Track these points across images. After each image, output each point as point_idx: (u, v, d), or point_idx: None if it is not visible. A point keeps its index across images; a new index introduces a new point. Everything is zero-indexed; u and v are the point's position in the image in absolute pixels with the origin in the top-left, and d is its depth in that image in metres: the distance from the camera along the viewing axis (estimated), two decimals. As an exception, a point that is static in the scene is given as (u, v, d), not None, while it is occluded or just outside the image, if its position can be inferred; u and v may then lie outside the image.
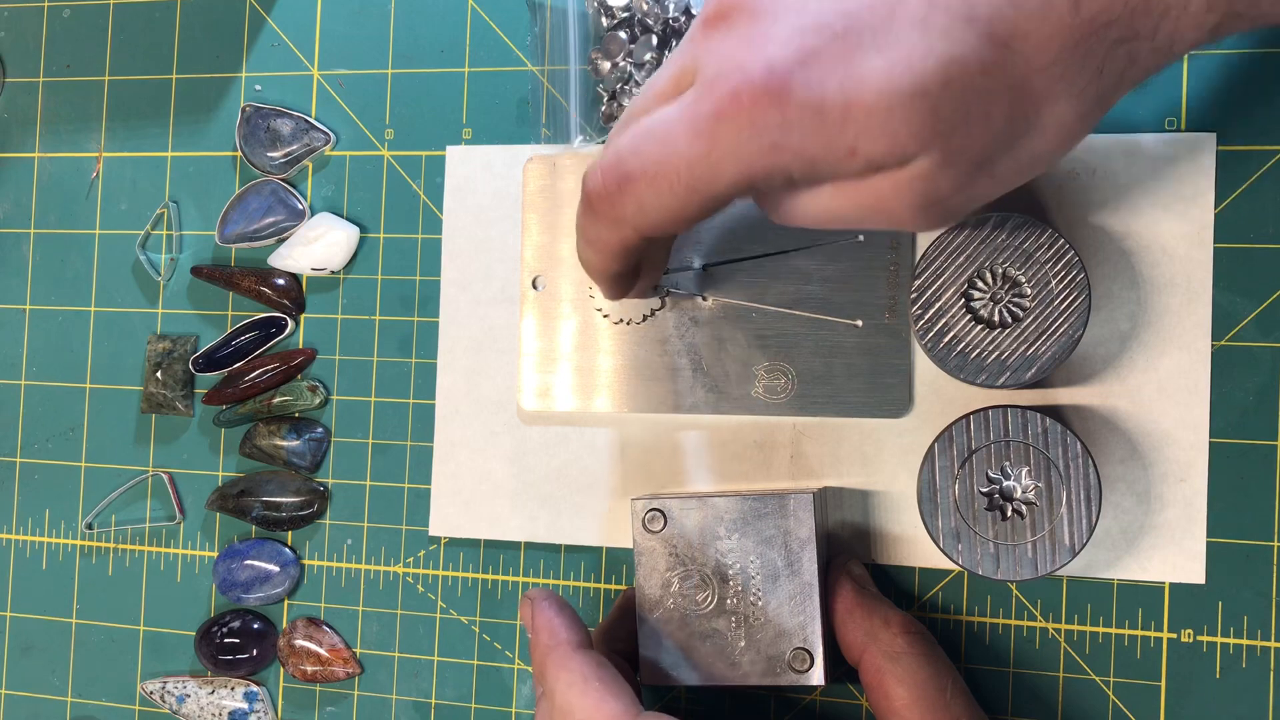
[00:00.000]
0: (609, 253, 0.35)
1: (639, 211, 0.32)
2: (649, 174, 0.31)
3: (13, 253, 0.51)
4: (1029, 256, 0.34)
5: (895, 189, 0.29)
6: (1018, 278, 0.35)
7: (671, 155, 0.30)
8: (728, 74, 0.29)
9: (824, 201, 0.31)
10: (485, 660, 0.45)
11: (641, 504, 0.39)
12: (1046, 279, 0.34)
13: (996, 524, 0.37)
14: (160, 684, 0.48)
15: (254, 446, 0.47)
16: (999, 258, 0.35)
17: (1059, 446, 0.36)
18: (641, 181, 0.31)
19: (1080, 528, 0.36)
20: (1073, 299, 0.34)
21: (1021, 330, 0.35)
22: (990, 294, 0.35)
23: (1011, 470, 0.37)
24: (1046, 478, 0.36)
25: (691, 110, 0.30)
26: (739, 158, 0.29)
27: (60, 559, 0.50)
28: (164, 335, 0.49)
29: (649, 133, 0.31)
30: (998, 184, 0.30)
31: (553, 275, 0.44)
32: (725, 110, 0.29)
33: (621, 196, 0.32)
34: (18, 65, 0.51)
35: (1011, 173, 0.30)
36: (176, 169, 0.49)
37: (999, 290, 0.35)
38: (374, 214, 0.47)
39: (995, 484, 0.37)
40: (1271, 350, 0.39)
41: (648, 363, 0.43)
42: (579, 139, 0.45)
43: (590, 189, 0.33)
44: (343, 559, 0.47)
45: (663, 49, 0.43)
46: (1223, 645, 0.39)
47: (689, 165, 0.30)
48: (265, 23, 0.49)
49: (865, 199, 0.30)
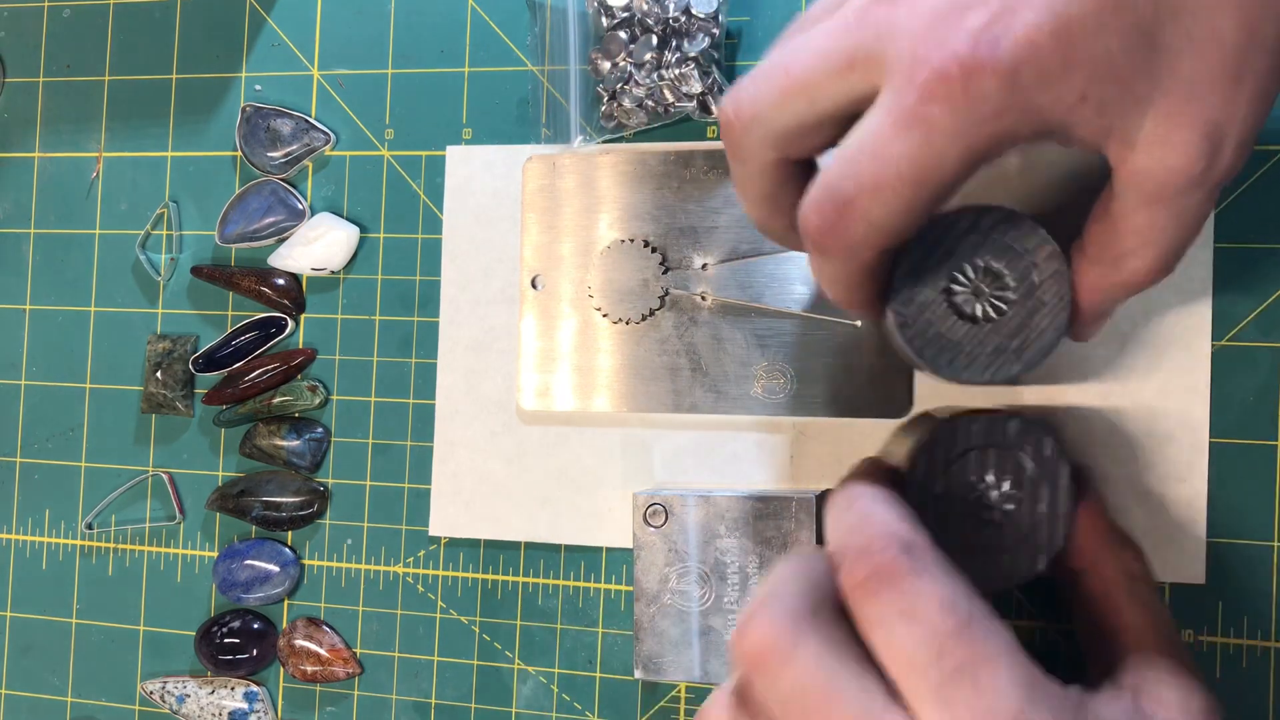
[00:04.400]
0: (855, 283, 0.32)
1: (869, 229, 0.29)
2: (868, 187, 0.28)
3: (13, 253, 0.51)
4: (1010, 249, 0.33)
5: (1164, 125, 0.27)
6: (1000, 270, 0.33)
7: (887, 158, 0.28)
8: (925, 53, 0.27)
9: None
10: (485, 660, 0.45)
11: (643, 498, 0.39)
12: (1028, 272, 0.33)
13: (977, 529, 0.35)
14: (160, 684, 0.48)
15: (254, 446, 0.47)
16: (980, 251, 0.34)
17: (1033, 450, 0.35)
18: (863, 197, 0.28)
19: (1054, 532, 0.35)
20: (1055, 290, 0.33)
21: (1005, 324, 0.33)
22: (972, 288, 0.33)
23: (991, 478, 0.36)
24: (1025, 483, 0.35)
25: (896, 103, 0.28)
26: (960, 134, 0.27)
27: (60, 559, 0.50)
28: (164, 335, 0.49)
29: (854, 150, 0.29)
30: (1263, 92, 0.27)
31: (552, 275, 0.44)
32: (935, 91, 0.27)
33: (846, 223, 0.29)
34: (18, 65, 0.51)
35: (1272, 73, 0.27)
36: (176, 169, 0.49)
37: (980, 284, 0.33)
38: (374, 214, 0.47)
39: (975, 490, 0.36)
40: (1271, 350, 0.39)
41: (647, 362, 0.43)
42: (579, 139, 0.45)
43: (811, 229, 0.30)
44: (343, 559, 0.47)
45: (663, 49, 0.43)
46: (1222, 645, 0.39)
47: (910, 160, 0.28)
48: (265, 23, 0.49)
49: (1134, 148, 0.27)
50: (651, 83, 0.43)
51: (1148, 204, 0.29)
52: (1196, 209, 0.29)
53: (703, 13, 0.43)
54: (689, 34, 0.43)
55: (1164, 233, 0.29)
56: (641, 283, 0.43)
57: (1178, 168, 0.28)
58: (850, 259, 0.30)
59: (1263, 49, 0.27)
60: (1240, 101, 0.27)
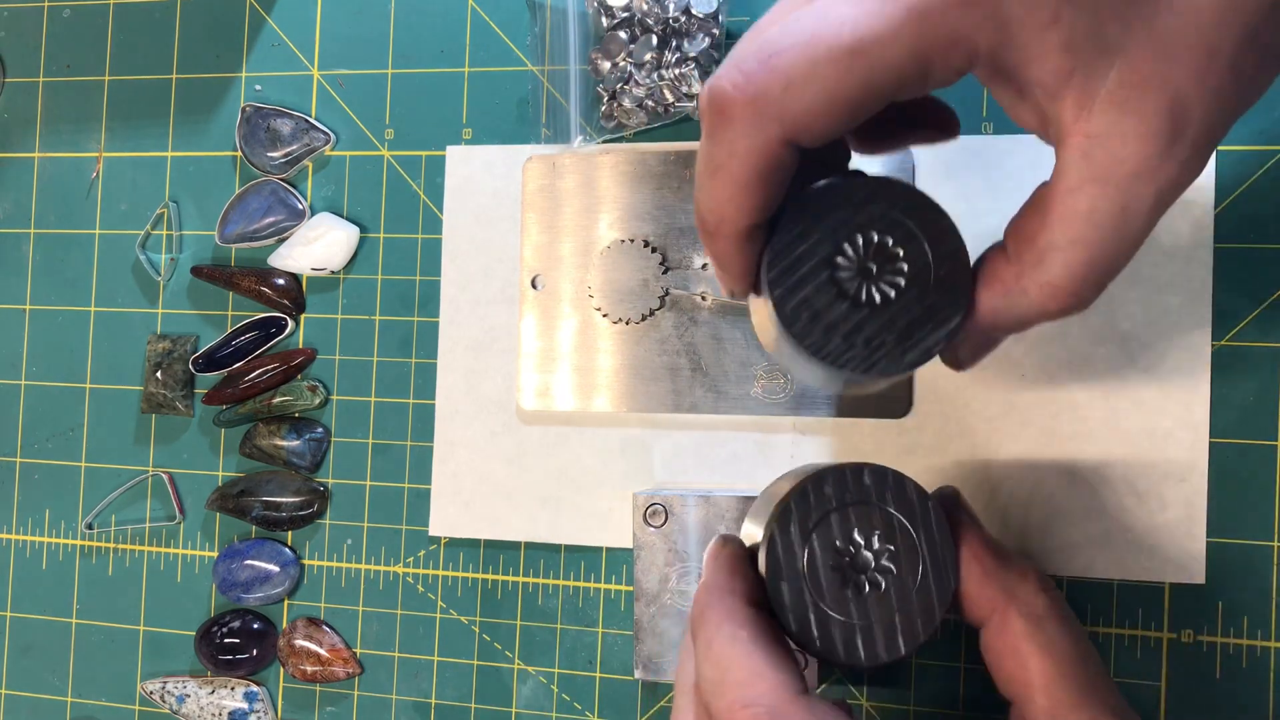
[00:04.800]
0: (743, 176, 0.27)
1: (787, 90, 0.26)
2: (801, 40, 0.26)
3: (13, 253, 0.51)
4: (908, 229, 0.29)
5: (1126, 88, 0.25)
6: (894, 251, 0.29)
7: (832, 16, 0.25)
8: None
9: (1026, 117, 0.27)
10: (485, 660, 0.45)
11: (643, 498, 0.39)
12: (924, 258, 0.29)
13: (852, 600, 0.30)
14: (160, 684, 0.48)
15: (254, 446, 0.47)
16: (875, 225, 0.29)
17: (894, 498, 0.31)
18: (793, 50, 0.26)
19: (939, 597, 0.30)
20: (952, 287, 0.29)
21: (889, 313, 0.29)
22: (858, 265, 0.29)
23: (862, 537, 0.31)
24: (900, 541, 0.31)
25: None
26: (920, 13, 0.25)
27: (60, 559, 0.50)
28: (164, 335, 0.49)
29: (803, 14, 0.26)
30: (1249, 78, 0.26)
31: (552, 275, 0.44)
32: None
33: (768, 74, 0.26)
34: (18, 65, 0.51)
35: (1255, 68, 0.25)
36: (176, 169, 0.49)
37: (869, 263, 0.29)
38: (374, 214, 0.47)
39: (846, 555, 0.31)
40: (1271, 350, 0.39)
41: (647, 362, 0.43)
42: (579, 139, 0.45)
43: (724, 82, 0.27)
44: (343, 559, 0.47)
45: (663, 49, 0.43)
46: (1222, 645, 0.39)
47: (854, 22, 0.25)
48: (265, 23, 0.49)
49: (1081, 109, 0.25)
50: (651, 83, 0.43)
51: (1094, 182, 0.26)
52: (1138, 213, 0.26)
53: (703, 13, 0.43)
54: (689, 34, 0.43)
55: (1099, 230, 0.26)
56: (641, 283, 0.43)
57: (1135, 138, 0.25)
58: (754, 129, 0.27)
59: (1239, 27, 0.25)
60: (1209, 80, 0.25)
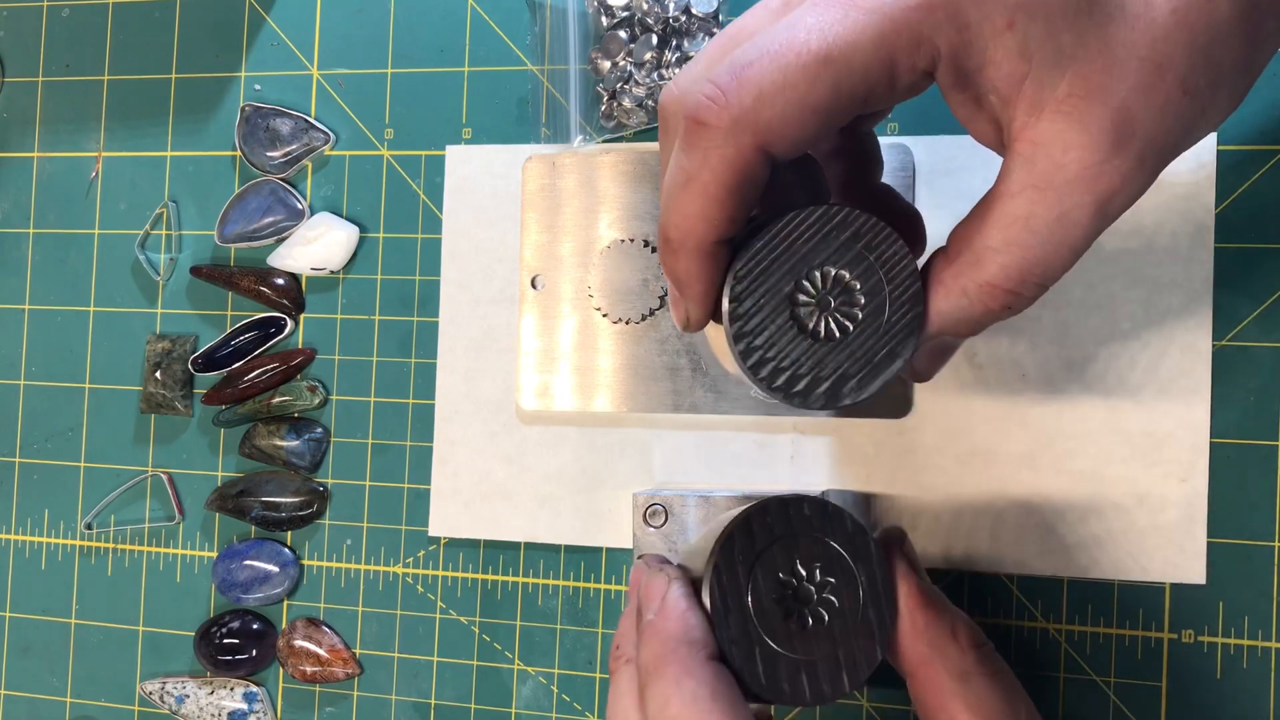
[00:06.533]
0: (715, 188, 0.28)
1: (759, 101, 0.27)
2: (772, 52, 0.27)
3: (12, 253, 0.51)
4: (864, 260, 0.29)
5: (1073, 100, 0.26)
6: (851, 284, 0.29)
7: (800, 27, 0.27)
8: None
9: (977, 125, 0.28)
10: (485, 660, 0.45)
11: (643, 498, 0.39)
12: (879, 288, 0.29)
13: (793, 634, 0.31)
14: (159, 684, 0.48)
15: (253, 446, 0.47)
16: (832, 258, 0.29)
17: (836, 530, 0.31)
18: (764, 60, 0.27)
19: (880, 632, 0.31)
20: (906, 313, 0.29)
21: (847, 346, 0.29)
22: (818, 299, 0.29)
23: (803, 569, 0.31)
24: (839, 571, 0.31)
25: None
26: (882, 15, 0.26)
27: (59, 559, 0.50)
28: (163, 335, 0.49)
29: (772, 28, 0.28)
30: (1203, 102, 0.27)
31: (552, 275, 0.44)
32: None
33: (739, 86, 0.27)
34: (17, 65, 0.51)
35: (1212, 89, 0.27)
36: (176, 169, 0.49)
37: (828, 295, 0.29)
38: (374, 214, 0.47)
39: (789, 587, 0.31)
40: (1271, 350, 0.39)
41: (647, 362, 0.43)
42: (579, 139, 0.45)
43: (698, 94, 0.28)
44: (342, 559, 0.47)
45: (663, 49, 0.43)
46: (1223, 645, 0.39)
47: (821, 31, 0.26)
48: (265, 23, 0.49)
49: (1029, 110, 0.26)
50: (651, 82, 0.43)
51: (1033, 188, 0.27)
52: (1076, 221, 0.27)
53: (703, 12, 0.43)
54: (689, 34, 0.43)
55: (1035, 234, 0.27)
56: (641, 282, 0.43)
57: (1076, 147, 0.26)
58: (727, 141, 0.28)
59: (1190, 44, 0.26)
60: (1157, 94, 0.26)
